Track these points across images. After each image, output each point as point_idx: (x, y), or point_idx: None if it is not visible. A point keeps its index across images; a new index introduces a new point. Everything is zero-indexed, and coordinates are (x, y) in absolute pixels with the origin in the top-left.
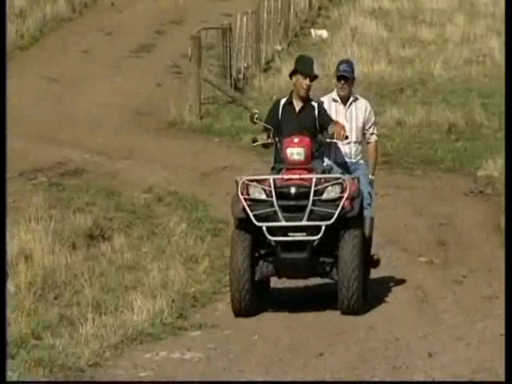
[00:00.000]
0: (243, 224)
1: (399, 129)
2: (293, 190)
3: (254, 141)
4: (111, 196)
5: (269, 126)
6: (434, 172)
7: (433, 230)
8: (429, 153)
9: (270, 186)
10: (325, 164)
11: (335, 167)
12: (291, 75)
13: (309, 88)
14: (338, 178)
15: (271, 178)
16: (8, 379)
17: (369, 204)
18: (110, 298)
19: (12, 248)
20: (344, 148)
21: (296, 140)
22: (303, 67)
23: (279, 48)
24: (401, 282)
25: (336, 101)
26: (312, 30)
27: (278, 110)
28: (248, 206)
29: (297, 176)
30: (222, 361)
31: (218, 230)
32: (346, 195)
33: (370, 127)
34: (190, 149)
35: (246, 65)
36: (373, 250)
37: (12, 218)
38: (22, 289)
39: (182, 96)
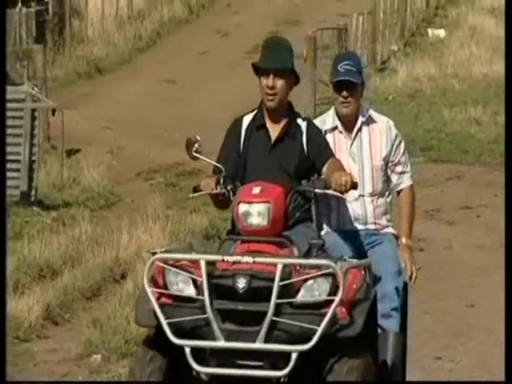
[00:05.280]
0: (154, 339)
1: None
2: (241, 284)
3: (195, 190)
4: None
5: (218, 165)
6: None
7: None
8: None
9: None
10: (323, 232)
11: (338, 241)
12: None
13: (276, 92)
14: (326, 266)
15: (202, 258)
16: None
17: (395, 309)
18: None
19: (130, 247)
20: (353, 207)
21: (256, 190)
22: (266, 58)
23: (395, 48)
24: None
25: (334, 128)
26: (429, 30)
27: (238, 136)
28: (161, 306)
29: (250, 258)
30: None
31: None
32: (338, 297)
33: (396, 164)
34: None
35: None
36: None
37: (130, 218)
38: (140, 288)
39: (297, 97)
